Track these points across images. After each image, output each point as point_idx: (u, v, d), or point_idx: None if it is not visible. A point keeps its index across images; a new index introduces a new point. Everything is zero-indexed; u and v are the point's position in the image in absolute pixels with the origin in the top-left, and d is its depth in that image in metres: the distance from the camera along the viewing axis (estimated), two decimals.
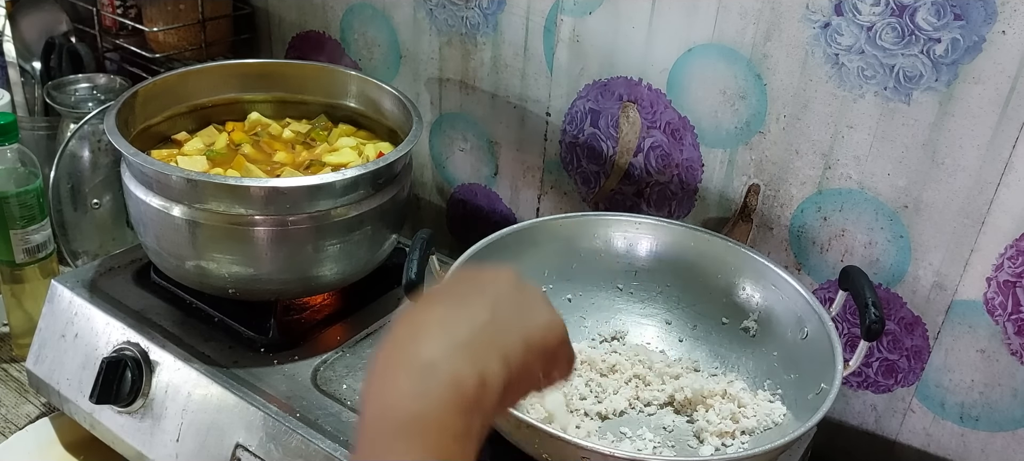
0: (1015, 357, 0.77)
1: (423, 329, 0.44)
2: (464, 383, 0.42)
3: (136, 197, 0.81)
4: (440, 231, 1.17)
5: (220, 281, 0.82)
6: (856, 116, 0.78)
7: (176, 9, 1.15)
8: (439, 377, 0.42)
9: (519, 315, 0.47)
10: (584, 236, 0.87)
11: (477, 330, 0.44)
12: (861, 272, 0.75)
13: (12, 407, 0.95)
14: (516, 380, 0.45)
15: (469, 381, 0.42)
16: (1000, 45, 0.69)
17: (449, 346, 0.43)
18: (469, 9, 1.00)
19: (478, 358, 0.43)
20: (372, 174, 0.81)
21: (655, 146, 0.92)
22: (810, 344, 0.76)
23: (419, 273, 0.71)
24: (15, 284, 0.97)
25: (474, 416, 0.42)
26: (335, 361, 0.84)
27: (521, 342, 0.45)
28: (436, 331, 0.44)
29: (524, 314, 0.47)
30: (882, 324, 0.69)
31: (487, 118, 1.05)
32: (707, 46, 0.84)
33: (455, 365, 0.42)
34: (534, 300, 0.49)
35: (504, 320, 0.46)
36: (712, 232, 0.86)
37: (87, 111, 1.06)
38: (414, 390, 0.41)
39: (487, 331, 0.44)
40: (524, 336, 0.46)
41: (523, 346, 0.45)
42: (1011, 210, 0.73)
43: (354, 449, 0.42)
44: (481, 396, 0.42)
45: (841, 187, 0.81)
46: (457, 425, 0.41)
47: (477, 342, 0.44)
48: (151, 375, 0.82)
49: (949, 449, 0.84)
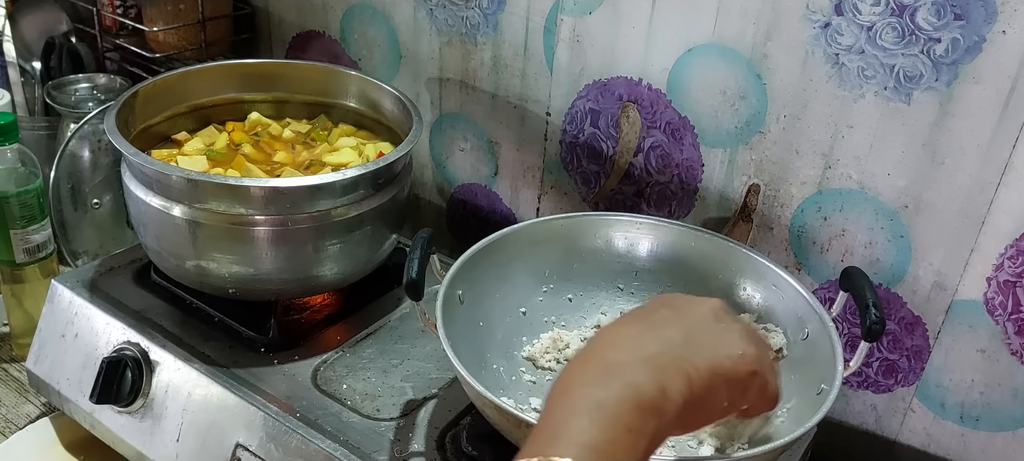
0: (1015, 357, 0.77)
1: (618, 340, 0.50)
2: (644, 389, 0.46)
3: (136, 197, 0.81)
4: (440, 231, 1.17)
5: (220, 281, 0.82)
6: (856, 116, 0.78)
7: (176, 9, 1.15)
8: (622, 377, 0.46)
9: (711, 342, 0.50)
10: (584, 236, 0.87)
11: (665, 348, 0.48)
12: (862, 273, 0.75)
13: (12, 407, 0.95)
14: (698, 400, 0.48)
15: (649, 389, 0.46)
16: (1000, 45, 0.69)
17: (636, 356, 0.48)
18: (469, 9, 1.00)
19: (661, 372, 0.47)
20: (372, 174, 0.81)
21: (655, 146, 0.92)
22: (811, 345, 0.76)
23: (420, 272, 0.71)
24: (15, 284, 0.97)
25: (649, 418, 0.46)
26: (335, 361, 0.84)
27: (707, 367, 0.49)
28: (628, 344, 0.49)
29: (717, 342, 0.51)
30: (883, 325, 0.69)
31: (487, 118, 1.05)
32: (707, 46, 0.84)
33: (638, 372, 0.47)
34: (731, 331, 0.52)
35: (694, 345, 0.49)
36: (712, 232, 0.86)
37: (87, 111, 1.06)
38: (597, 380, 0.46)
39: (675, 351, 0.49)
40: (711, 362, 0.49)
41: (709, 371, 0.49)
42: (1011, 210, 0.73)
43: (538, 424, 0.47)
44: (659, 404, 0.46)
45: (841, 187, 0.81)
46: (632, 420, 0.45)
47: (663, 358, 0.48)
48: (151, 375, 0.82)
49: (949, 449, 0.84)
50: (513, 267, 0.83)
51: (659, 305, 0.54)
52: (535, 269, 0.85)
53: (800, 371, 0.76)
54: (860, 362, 0.70)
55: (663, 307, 0.54)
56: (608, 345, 0.49)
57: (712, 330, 0.52)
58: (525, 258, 0.84)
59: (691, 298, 0.55)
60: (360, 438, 0.74)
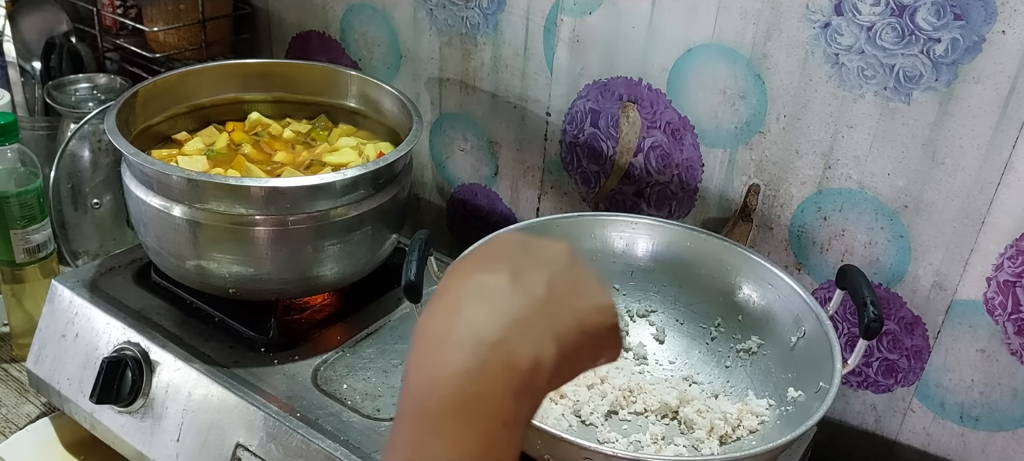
0: (1015, 357, 0.77)
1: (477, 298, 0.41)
2: (519, 364, 0.39)
3: (136, 197, 0.81)
4: (440, 231, 1.17)
5: (220, 281, 0.82)
6: (856, 116, 0.78)
7: (176, 9, 1.15)
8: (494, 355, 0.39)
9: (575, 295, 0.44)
10: (583, 236, 0.87)
11: (533, 307, 0.41)
12: (858, 271, 0.75)
13: (12, 407, 0.95)
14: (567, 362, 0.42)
15: (524, 362, 0.39)
16: (1000, 45, 0.69)
17: (504, 322, 0.40)
18: (469, 9, 1.00)
19: (533, 338, 0.40)
20: (372, 174, 0.81)
21: (655, 146, 0.92)
22: (809, 343, 0.76)
23: (418, 274, 0.71)
24: (15, 284, 0.97)
25: (525, 400, 0.40)
26: (335, 361, 0.84)
27: (576, 323, 0.43)
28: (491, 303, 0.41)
29: (580, 294, 0.44)
30: (880, 323, 0.69)
31: (487, 118, 1.05)
32: (707, 46, 0.84)
33: (511, 344, 0.39)
34: (589, 280, 0.45)
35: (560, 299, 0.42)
36: (710, 232, 0.86)
37: (87, 111, 1.06)
38: (467, 367, 0.38)
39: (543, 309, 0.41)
40: (579, 318, 0.43)
41: (578, 328, 0.43)
42: (1011, 210, 0.73)
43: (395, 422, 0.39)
44: (534, 379, 0.40)
45: (841, 187, 0.81)
46: (509, 410, 0.39)
47: (533, 320, 0.41)
48: (151, 375, 0.82)
49: (949, 449, 0.84)
50: None
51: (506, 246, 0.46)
52: None
53: (798, 370, 0.76)
54: (858, 360, 0.70)
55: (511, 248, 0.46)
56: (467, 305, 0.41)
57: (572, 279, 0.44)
58: None
59: (538, 238, 0.47)
60: (360, 438, 0.74)
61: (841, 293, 0.77)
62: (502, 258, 0.44)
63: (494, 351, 0.39)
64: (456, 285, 0.42)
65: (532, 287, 0.42)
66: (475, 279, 0.42)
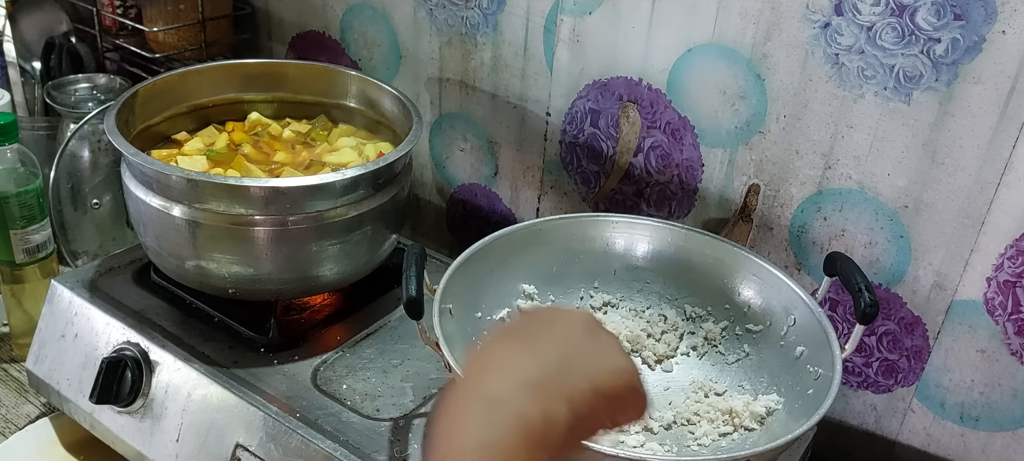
0: (1015, 357, 0.77)
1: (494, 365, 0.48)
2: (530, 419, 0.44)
3: (136, 197, 0.81)
4: (440, 231, 1.17)
5: (220, 281, 0.82)
6: (856, 116, 0.78)
7: (176, 9, 1.15)
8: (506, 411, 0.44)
9: (589, 360, 0.49)
10: (584, 236, 0.87)
11: (546, 372, 0.47)
12: (847, 258, 0.75)
13: (12, 407, 0.95)
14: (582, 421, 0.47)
15: (535, 418, 0.44)
16: (1000, 45, 0.69)
17: (517, 384, 0.46)
18: (469, 9, 1.00)
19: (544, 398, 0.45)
20: (372, 174, 0.81)
21: (655, 146, 0.92)
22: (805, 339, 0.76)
23: (419, 290, 0.71)
24: (15, 284, 0.97)
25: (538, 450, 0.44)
26: (335, 361, 0.84)
27: (589, 386, 0.47)
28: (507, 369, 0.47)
29: (594, 359, 0.49)
30: (877, 308, 0.69)
31: (487, 118, 1.05)
32: (707, 46, 0.84)
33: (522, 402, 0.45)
34: (605, 346, 0.51)
35: (573, 364, 0.48)
36: (710, 233, 0.86)
37: (87, 111, 1.06)
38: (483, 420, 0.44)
39: (555, 373, 0.47)
40: (592, 381, 0.48)
41: (590, 390, 0.47)
42: (1011, 210, 0.73)
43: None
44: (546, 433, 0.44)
45: (841, 187, 0.81)
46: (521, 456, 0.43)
47: (545, 383, 0.46)
48: (151, 375, 0.82)
49: (949, 449, 0.84)
50: (496, 276, 0.82)
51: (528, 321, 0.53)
52: (534, 269, 0.85)
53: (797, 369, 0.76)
54: (855, 345, 0.71)
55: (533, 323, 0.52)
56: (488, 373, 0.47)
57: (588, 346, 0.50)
58: (524, 258, 0.84)
59: (560, 310, 0.54)
60: (360, 438, 0.74)
61: (828, 280, 0.78)
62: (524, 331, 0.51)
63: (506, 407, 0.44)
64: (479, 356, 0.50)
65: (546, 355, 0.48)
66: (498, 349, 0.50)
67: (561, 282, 0.86)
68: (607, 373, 0.49)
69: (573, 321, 0.52)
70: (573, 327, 0.51)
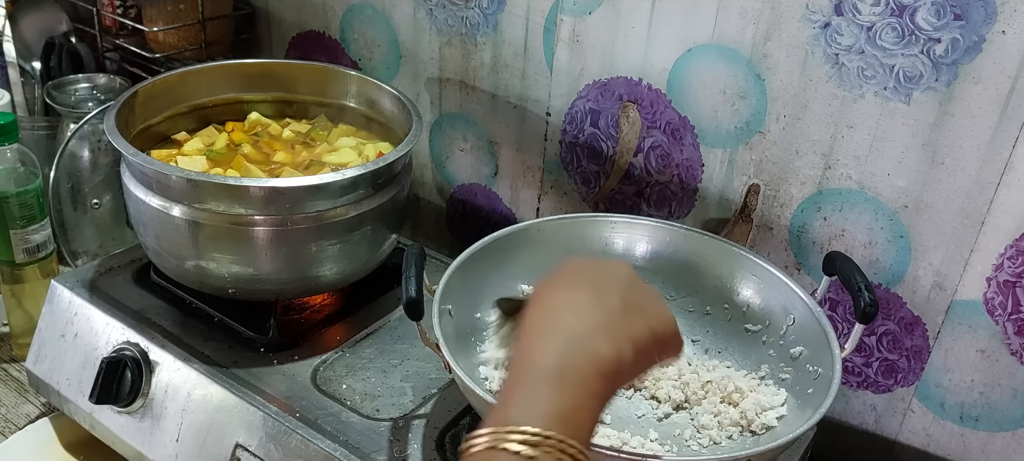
0: (1015, 357, 0.77)
1: (568, 307, 0.53)
2: (602, 355, 0.50)
3: (136, 197, 0.81)
4: (440, 231, 1.17)
5: (220, 281, 0.82)
6: (856, 116, 0.78)
7: (176, 9, 1.15)
8: (583, 345, 0.50)
9: (643, 308, 0.55)
10: (583, 236, 0.87)
11: (613, 316, 0.53)
12: (847, 258, 0.75)
13: (12, 407, 0.95)
14: (640, 358, 0.53)
15: (607, 355, 0.50)
16: (1000, 45, 0.69)
17: (591, 325, 0.52)
18: (469, 9, 1.00)
19: (614, 338, 0.52)
20: (372, 174, 0.81)
21: (655, 146, 0.92)
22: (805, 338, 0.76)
23: (419, 291, 0.71)
24: (15, 284, 0.97)
25: (606, 381, 0.50)
26: (335, 361, 0.84)
27: (647, 330, 0.54)
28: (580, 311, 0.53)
29: (647, 307, 0.56)
30: (876, 307, 0.69)
31: (487, 118, 1.05)
32: (707, 46, 0.84)
33: (596, 340, 0.51)
34: (653, 295, 0.58)
35: (633, 311, 0.54)
36: (710, 234, 0.86)
37: (87, 111, 1.06)
38: (562, 349, 0.50)
39: (620, 318, 0.53)
40: (649, 326, 0.54)
41: (648, 334, 0.54)
42: (1011, 210, 0.73)
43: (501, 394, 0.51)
44: (615, 368, 0.51)
45: (841, 187, 0.81)
46: (593, 384, 0.49)
47: (613, 326, 0.52)
48: (151, 375, 0.82)
49: (949, 449, 0.84)
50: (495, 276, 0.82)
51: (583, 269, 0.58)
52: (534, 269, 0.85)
53: (796, 368, 0.76)
54: (854, 345, 0.71)
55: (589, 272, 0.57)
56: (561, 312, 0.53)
57: (640, 294, 0.56)
58: (524, 258, 0.84)
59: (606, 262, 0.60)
60: (360, 438, 0.74)
61: (828, 280, 0.78)
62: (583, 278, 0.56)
63: (583, 344, 0.51)
64: (549, 298, 0.55)
65: (611, 303, 0.54)
66: (565, 294, 0.55)
67: None
68: (658, 319, 0.55)
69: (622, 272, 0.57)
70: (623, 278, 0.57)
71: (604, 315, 0.53)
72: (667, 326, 0.56)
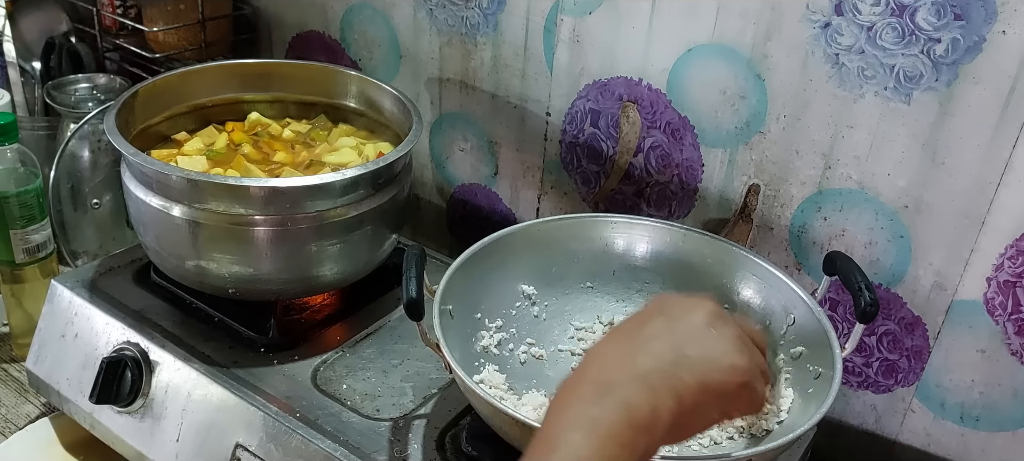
0: (1015, 357, 0.77)
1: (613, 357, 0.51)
2: (636, 406, 0.48)
3: (136, 197, 0.81)
4: (440, 231, 1.17)
5: (220, 281, 0.82)
6: (856, 116, 0.78)
7: (176, 9, 1.15)
8: (616, 396, 0.48)
9: (701, 357, 0.51)
10: (583, 237, 0.87)
11: (657, 366, 0.50)
12: (847, 258, 0.75)
13: (12, 407, 0.95)
14: (688, 414, 0.50)
15: (641, 406, 0.48)
16: (1000, 45, 0.69)
17: (628, 375, 0.49)
18: (469, 9, 1.00)
19: (652, 390, 0.49)
20: (372, 174, 0.81)
21: (655, 146, 0.92)
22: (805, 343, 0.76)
23: (419, 291, 0.71)
24: (15, 284, 0.97)
25: (640, 435, 0.48)
26: (335, 361, 0.84)
27: (697, 384, 0.50)
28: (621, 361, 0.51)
29: (706, 356, 0.52)
30: (876, 306, 0.69)
31: (487, 118, 1.05)
32: (707, 46, 0.84)
33: (631, 390, 0.48)
34: (722, 341, 0.53)
35: (685, 359, 0.51)
36: (710, 234, 0.86)
37: (87, 111, 1.06)
38: (593, 399, 0.48)
39: (667, 368, 0.50)
40: (702, 378, 0.50)
41: (698, 388, 0.50)
42: (1011, 210, 0.73)
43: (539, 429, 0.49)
44: (650, 423, 0.48)
45: (841, 187, 0.81)
46: (623, 437, 0.47)
47: (654, 376, 0.49)
48: (151, 375, 0.82)
49: (949, 449, 0.84)
50: (495, 276, 0.82)
51: (653, 313, 0.55)
52: (534, 269, 0.85)
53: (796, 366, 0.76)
54: (855, 344, 0.71)
55: (657, 316, 0.54)
56: (603, 362, 0.51)
57: (703, 341, 0.52)
58: (524, 258, 0.84)
59: (685, 302, 0.55)
60: (360, 438, 0.74)
61: (828, 279, 0.78)
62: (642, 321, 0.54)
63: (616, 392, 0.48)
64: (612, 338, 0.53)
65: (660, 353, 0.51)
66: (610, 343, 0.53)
67: (561, 283, 0.86)
68: (718, 370, 0.51)
69: (694, 313, 0.54)
70: (692, 319, 0.53)
71: (649, 365, 0.50)
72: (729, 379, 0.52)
